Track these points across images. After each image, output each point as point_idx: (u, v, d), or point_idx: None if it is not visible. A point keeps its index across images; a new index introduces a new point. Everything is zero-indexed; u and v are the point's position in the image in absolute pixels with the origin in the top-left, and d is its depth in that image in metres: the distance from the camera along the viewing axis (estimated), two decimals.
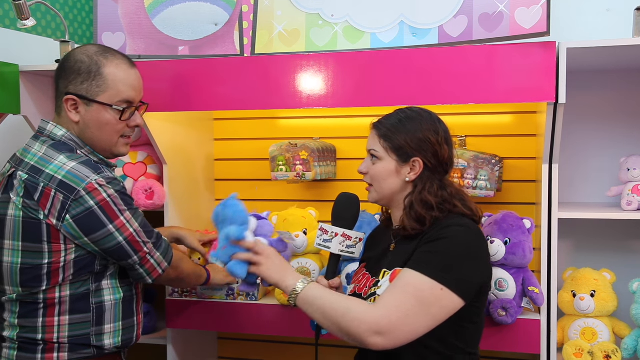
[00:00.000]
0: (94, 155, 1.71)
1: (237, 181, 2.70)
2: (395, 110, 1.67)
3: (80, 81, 1.66)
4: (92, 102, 1.67)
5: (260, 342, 2.72)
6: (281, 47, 2.16)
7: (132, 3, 2.29)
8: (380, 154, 1.62)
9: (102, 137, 1.70)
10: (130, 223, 1.65)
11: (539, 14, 1.88)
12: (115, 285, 1.72)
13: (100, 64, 1.67)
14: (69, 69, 1.68)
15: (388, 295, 1.46)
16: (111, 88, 1.68)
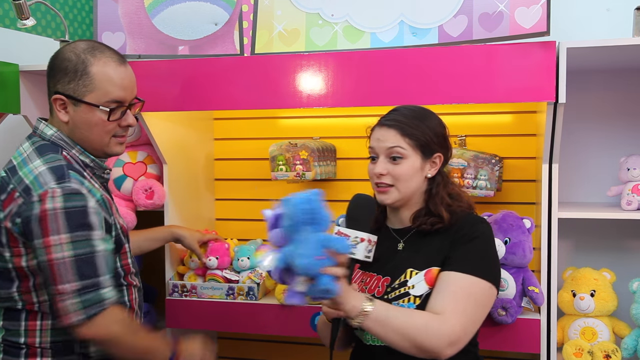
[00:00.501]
0: (85, 156, 1.62)
1: (237, 181, 2.70)
2: (399, 108, 1.65)
3: (67, 80, 1.58)
4: (79, 102, 1.58)
5: (260, 341, 2.72)
6: (281, 47, 2.16)
7: (132, 3, 2.29)
8: (406, 152, 1.58)
9: (92, 137, 1.61)
10: (60, 248, 1.46)
11: (538, 13, 1.88)
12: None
13: (87, 63, 1.57)
14: (57, 68, 1.60)
15: (449, 302, 1.46)
16: (98, 88, 1.58)
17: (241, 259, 2.32)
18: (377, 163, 1.61)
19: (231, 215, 2.72)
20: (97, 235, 1.50)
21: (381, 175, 1.60)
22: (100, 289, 1.50)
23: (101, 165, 1.66)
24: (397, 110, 1.64)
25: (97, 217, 1.51)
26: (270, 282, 2.28)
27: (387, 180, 1.60)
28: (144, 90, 2.19)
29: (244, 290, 2.25)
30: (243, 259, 2.32)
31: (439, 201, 1.59)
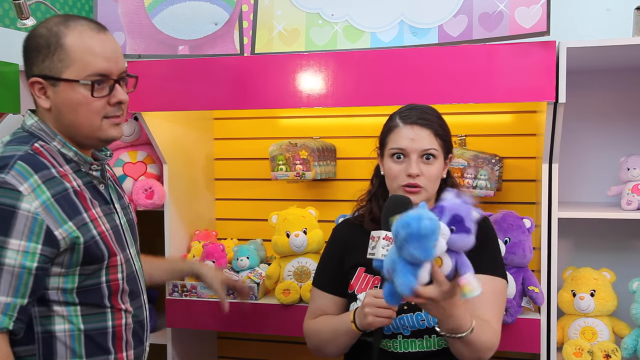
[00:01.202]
0: (68, 149, 1.39)
1: (237, 180, 2.70)
2: (419, 107, 1.63)
3: (41, 59, 1.36)
4: (57, 80, 1.35)
5: (260, 341, 2.72)
6: (281, 47, 2.16)
7: (132, 2, 2.29)
8: (438, 153, 1.59)
9: (80, 120, 1.38)
10: None
11: (538, 13, 1.88)
12: (74, 312, 1.36)
13: (60, 35, 1.35)
14: (29, 49, 1.39)
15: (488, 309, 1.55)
16: (76, 60, 1.35)
17: (240, 259, 2.32)
18: (410, 163, 1.57)
19: (231, 215, 2.72)
20: (14, 245, 1.24)
21: (416, 175, 1.56)
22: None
23: (85, 160, 1.41)
24: (420, 109, 1.62)
25: (29, 224, 1.26)
26: (270, 282, 2.28)
27: (421, 182, 1.57)
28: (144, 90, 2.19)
29: None
30: (242, 258, 2.32)
31: None
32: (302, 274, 2.23)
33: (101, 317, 1.40)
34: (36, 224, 1.27)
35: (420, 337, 1.58)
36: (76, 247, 1.33)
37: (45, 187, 1.30)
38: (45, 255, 1.28)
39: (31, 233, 1.26)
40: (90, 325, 1.38)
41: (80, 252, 1.33)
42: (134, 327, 1.47)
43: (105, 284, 1.40)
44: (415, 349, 1.57)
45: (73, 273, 1.35)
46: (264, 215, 2.39)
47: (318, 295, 1.75)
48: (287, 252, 2.24)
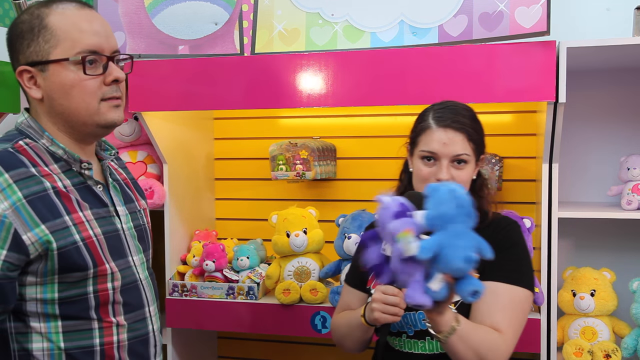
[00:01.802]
0: (56, 147, 1.30)
1: (238, 180, 2.70)
2: (453, 106, 1.57)
3: (26, 45, 1.27)
4: (46, 64, 1.26)
5: (260, 341, 2.72)
6: (281, 47, 2.16)
7: (132, 2, 2.29)
8: (470, 157, 1.53)
9: (74, 105, 1.28)
10: None
11: (539, 13, 1.88)
12: (54, 329, 1.25)
13: (42, 16, 1.27)
14: (13, 38, 1.30)
15: (502, 317, 1.46)
16: (63, 38, 1.26)
17: (241, 259, 2.32)
18: (440, 168, 1.52)
19: (231, 215, 2.72)
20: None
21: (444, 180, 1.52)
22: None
23: (74, 158, 1.31)
24: (454, 110, 1.56)
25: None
26: (270, 282, 2.28)
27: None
28: (144, 90, 2.20)
29: (244, 289, 2.25)
30: (243, 258, 2.32)
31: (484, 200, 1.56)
32: (302, 273, 2.23)
33: (86, 334, 1.28)
34: (3, 227, 1.17)
35: (422, 339, 1.56)
36: (49, 253, 1.21)
37: (17, 187, 1.20)
38: (10, 262, 1.17)
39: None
40: (73, 343, 1.26)
41: (55, 259, 1.22)
42: (131, 345, 1.34)
43: (92, 294, 1.28)
44: (418, 351, 1.56)
45: (51, 282, 1.24)
46: (264, 215, 2.39)
47: (346, 290, 1.75)
48: (287, 252, 2.24)
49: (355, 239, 2.12)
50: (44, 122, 1.32)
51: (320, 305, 2.17)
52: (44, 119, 1.32)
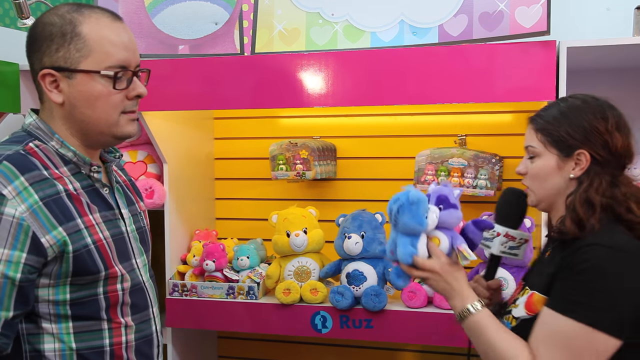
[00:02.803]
0: (66, 149, 1.29)
1: (237, 180, 2.70)
2: (556, 100, 1.49)
3: (54, 49, 1.25)
4: (74, 72, 1.26)
5: (260, 341, 2.72)
6: (281, 46, 2.16)
7: (132, 2, 2.29)
8: (538, 149, 1.40)
9: (96, 115, 1.29)
10: None
11: (539, 13, 1.88)
12: (65, 330, 1.26)
13: (75, 22, 1.25)
14: (39, 38, 1.27)
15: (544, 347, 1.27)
16: (96, 50, 1.26)
17: (241, 259, 2.32)
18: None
19: (231, 215, 2.72)
20: None
21: (521, 174, 1.46)
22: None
23: (85, 160, 1.31)
24: (553, 103, 1.46)
25: (13, 230, 1.16)
26: (270, 282, 2.28)
27: (525, 181, 1.46)
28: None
29: (244, 289, 2.25)
30: (243, 258, 2.32)
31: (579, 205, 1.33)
32: (302, 273, 2.23)
33: (97, 335, 1.29)
34: (21, 231, 1.17)
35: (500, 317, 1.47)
36: (65, 255, 1.22)
37: (33, 190, 1.20)
38: (30, 264, 1.18)
39: (15, 240, 1.16)
40: (84, 343, 1.28)
41: (70, 262, 1.23)
42: (138, 345, 1.36)
43: (102, 295, 1.29)
44: None
45: (64, 284, 1.24)
46: (264, 214, 2.39)
47: None
48: (288, 251, 2.24)
49: (355, 238, 2.13)
50: (56, 125, 1.31)
51: (321, 305, 2.18)
52: (57, 122, 1.31)
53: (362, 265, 2.13)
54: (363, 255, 2.14)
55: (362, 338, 2.14)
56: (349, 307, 2.12)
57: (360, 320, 2.13)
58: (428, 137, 2.45)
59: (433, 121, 2.47)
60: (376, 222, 2.17)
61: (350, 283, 2.13)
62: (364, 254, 2.13)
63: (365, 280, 2.11)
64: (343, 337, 2.17)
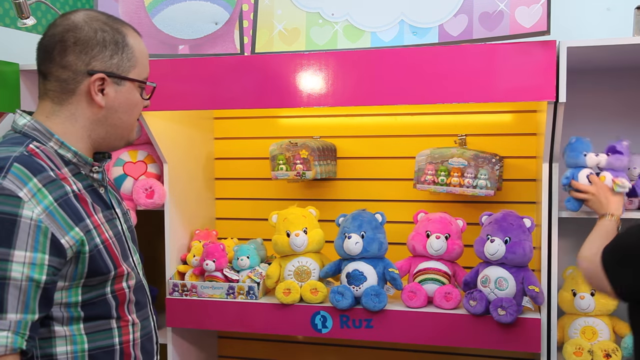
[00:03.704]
0: (66, 150, 1.29)
1: (238, 180, 2.70)
2: None
3: (108, 55, 1.30)
4: (123, 79, 1.32)
5: (260, 340, 2.72)
6: (281, 46, 2.16)
7: (132, 2, 2.29)
8: None
9: (128, 121, 1.38)
10: None
11: (539, 12, 1.88)
12: (77, 331, 1.26)
13: (123, 33, 1.32)
14: (89, 41, 1.28)
15: None
16: (139, 63, 1.35)
17: (241, 258, 2.32)
18: None
19: (231, 215, 2.72)
20: (21, 257, 1.13)
21: None
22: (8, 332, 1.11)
23: (86, 161, 1.32)
24: None
25: (32, 233, 1.15)
26: (270, 282, 2.28)
27: None
28: None
29: (244, 289, 2.25)
30: (243, 258, 2.32)
31: None
32: (302, 273, 2.23)
33: (107, 334, 1.30)
34: (40, 233, 1.15)
35: None
36: (81, 256, 1.23)
37: (47, 191, 1.19)
38: (53, 266, 1.17)
39: (36, 242, 1.14)
40: (95, 344, 1.28)
41: (85, 262, 1.23)
42: (142, 342, 1.38)
43: (110, 294, 1.31)
44: None
45: (77, 286, 1.25)
46: (264, 214, 2.39)
47: None
48: (288, 251, 2.24)
49: (355, 238, 2.13)
50: (68, 126, 1.31)
51: (321, 305, 2.18)
52: (75, 124, 1.32)
53: (362, 265, 2.13)
54: (363, 255, 2.14)
55: (362, 338, 2.14)
56: (349, 307, 2.12)
57: (360, 320, 2.13)
58: (428, 137, 2.46)
59: (433, 121, 2.47)
60: (376, 222, 2.17)
61: (350, 283, 2.13)
62: (364, 254, 2.13)
63: (365, 280, 2.11)
64: (343, 337, 2.17)
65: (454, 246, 2.15)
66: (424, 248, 2.16)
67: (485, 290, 2.04)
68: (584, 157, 2.02)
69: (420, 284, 2.14)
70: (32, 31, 2.42)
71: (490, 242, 2.03)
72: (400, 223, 2.44)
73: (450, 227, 2.17)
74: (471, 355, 2.52)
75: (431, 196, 2.44)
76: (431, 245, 2.14)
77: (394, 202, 2.51)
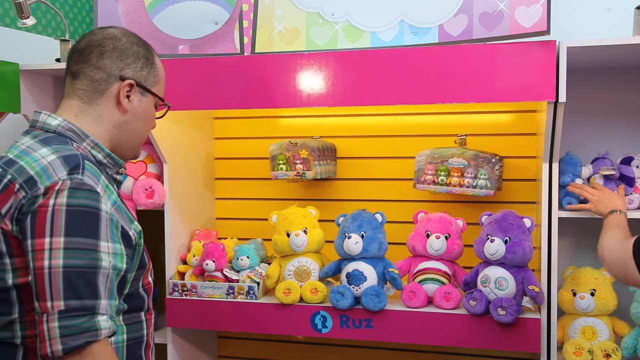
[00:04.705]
0: (98, 150, 1.37)
1: (238, 180, 2.70)
2: None
3: (140, 67, 1.42)
4: (148, 91, 1.45)
5: (260, 341, 2.72)
6: (281, 46, 2.16)
7: (132, 2, 2.29)
8: None
9: (143, 132, 1.47)
10: (51, 254, 1.14)
11: (539, 12, 1.88)
12: (120, 322, 1.34)
13: (152, 52, 1.48)
14: (125, 51, 1.40)
15: None
16: (160, 81, 1.50)
17: (241, 258, 2.32)
18: None
19: (231, 215, 2.72)
20: (106, 247, 1.20)
21: None
22: (94, 315, 1.15)
23: (117, 162, 1.42)
24: None
25: (109, 225, 1.22)
26: (270, 282, 2.28)
27: None
28: None
29: (244, 289, 2.25)
30: (243, 258, 2.32)
31: None
32: (302, 273, 2.23)
33: (139, 326, 1.39)
34: (114, 225, 1.24)
35: None
36: (137, 248, 1.33)
37: (112, 188, 1.30)
38: (128, 255, 1.28)
39: (113, 234, 1.23)
40: (131, 334, 1.37)
41: (139, 255, 1.34)
42: (155, 333, 1.52)
43: (142, 288, 1.40)
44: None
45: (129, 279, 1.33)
46: (264, 214, 2.39)
47: None
48: (288, 251, 2.24)
49: (355, 238, 2.13)
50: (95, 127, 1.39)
51: (321, 305, 2.18)
52: (101, 125, 1.39)
53: (362, 265, 2.13)
54: (363, 255, 2.14)
55: (362, 338, 2.14)
56: (349, 307, 2.12)
57: (360, 320, 2.13)
58: (428, 137, 2.46)
59: (433, 121, 2.47)
60: (376, 222, 2.17)
61: (350, 283, 2.13)
62: (364, 253, 2.13)
63: (365, 280, 2.11)
64: (343, 337, 2.17)
65: (454, 246, 2.15)
66: (424, 248, 2.16)
67: (485, 290, 2.04)
68: (580, 168, 2.12)
69: (420, 283, 2.14)
70: (32, 31, 2.42)
71: (490, 242, 2.03)
72: (400, 223, 2.44)
73: (450, 227, 2.17)
74: (471, 355, 2.52)
75: (431, 196, 2.44)
76: (431, 245, 2.14)
77: (394, 202, 2.51)
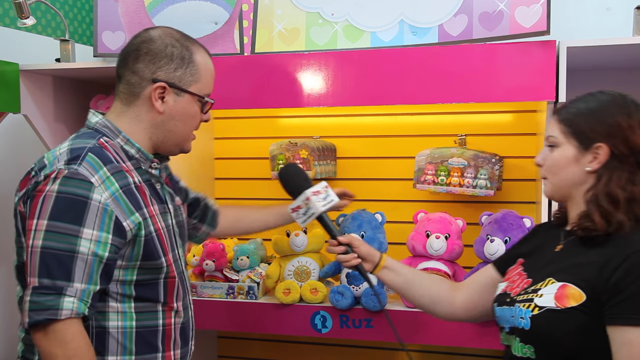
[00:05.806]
0: (130, 146, 1.46)
1: (237, 180, 2.70)
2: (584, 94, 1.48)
3: (173, 68, 1.46)
4: (183, 92, 1.48)
5: (260, 341, 2.72)
6: (281, 46, 2.16)
7: (132, 2, 2.29)
8: (558, 139, 1.42)
9: (185, 130, 1.53)
10: (34, 234, 1.29)
11: (539, 12, 1.88)
12: (129, 309, 1.42)
13: (191, 51, 1.48)
14: (158, 53, 1.45)
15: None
16: (202, 79, 1.50)
17: (241, 258, 2.32)
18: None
19: None
20: (89, 234, 1.30)
21: (539, 165, 1.51)
22: (61, 295, 1.27)
23: (147, 157, 1.48)
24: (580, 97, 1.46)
25: (100, 214, 1.31)
26: (270, 282, 2.28)
27: (542, 171, 1.50)
28: None
29: (244, 289, 2.25)
30: (243, 258, 2.32)
31: (603, 199, 1.35)
32: (302, 273, 2.23)
33: (153, 316, 1.46)
34: (106, 215, 1.32)
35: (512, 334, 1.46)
36: (137, 239, 1.39)
37: (114, 179, 1.36)
38: (115, 245, 1.34)
39: (102, 223, 1.31)
40: (143, 322, 1.44)
41: (141, 246, 1.40)
42: (181, 328, 1.55)
43: (162, 280, 1.46)
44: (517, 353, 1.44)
45: (133, 267, 1.40)
46: None
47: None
48: (287, 251, 2.24)
49: None
50: (129, 125, 1.47)
51: (321, 305, 2.17)
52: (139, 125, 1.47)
53: None
54: None
55: (362, 338, 2.14)
56: (349, 307, 2.12)
57: (360, 320, 2.13)
58: (428, 137, 2.46)
59: (433, 121, 2.47)
60: (376, 222, 2.17)
61: (350, 283, 2.13)
62: None
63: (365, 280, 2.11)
64: (343, 337, 2.17)
65: (454, 246, 2.15)
66: (424, 248, 2.16)
67: None
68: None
69: None
70: (31, 31, 2.42)
71: (490, 242, 2.03)
72: (400, 223, 2.44)
73: (450, 227, 2.17)
74: (471, 355, 2.52)
75: (431, 196, 2.44)
76: (431, 245, 2.14)
77: (394, 202, 2.51)
